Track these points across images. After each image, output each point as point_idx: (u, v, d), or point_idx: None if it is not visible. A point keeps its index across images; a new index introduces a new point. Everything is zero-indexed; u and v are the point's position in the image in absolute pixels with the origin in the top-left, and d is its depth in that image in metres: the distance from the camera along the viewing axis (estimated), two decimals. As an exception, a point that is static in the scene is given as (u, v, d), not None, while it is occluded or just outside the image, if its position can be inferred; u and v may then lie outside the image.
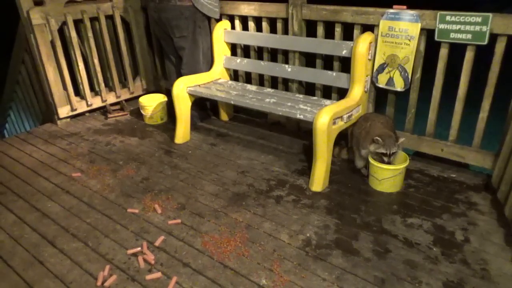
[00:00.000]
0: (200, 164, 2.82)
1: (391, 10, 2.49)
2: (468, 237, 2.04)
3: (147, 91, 4.00)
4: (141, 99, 3.52)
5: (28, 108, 4.29)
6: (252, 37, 3.18)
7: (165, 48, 3.42)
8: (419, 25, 2.40)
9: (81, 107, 3.64)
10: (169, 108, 3.40)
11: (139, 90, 4.02)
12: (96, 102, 3.74)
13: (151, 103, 3.45)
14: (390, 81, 2.62)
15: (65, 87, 3.45)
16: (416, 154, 2.80)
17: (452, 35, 2.32)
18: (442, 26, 2.34)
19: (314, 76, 2.90)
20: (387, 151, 2.30)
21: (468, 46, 2.32)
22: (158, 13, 3.12)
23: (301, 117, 2.54)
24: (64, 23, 3.33)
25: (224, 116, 3.54)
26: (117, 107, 3.82)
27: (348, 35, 2.77)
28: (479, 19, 2.21)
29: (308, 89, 3.14)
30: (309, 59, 3.05)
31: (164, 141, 3.19)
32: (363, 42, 2.53)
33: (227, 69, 3.38)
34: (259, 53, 3.31)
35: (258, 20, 3.19)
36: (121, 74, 3.94)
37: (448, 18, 2.30)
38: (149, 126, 3.49)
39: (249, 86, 3.19)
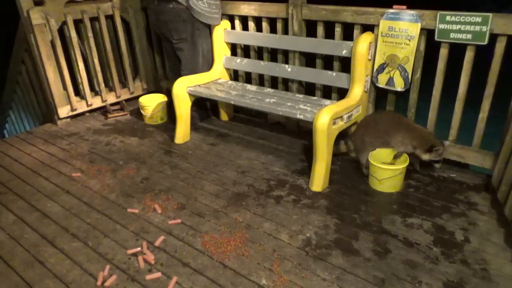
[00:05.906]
0: (200, 164, 2.82)
1: (391, 10, 2.49)
2: (468, 237, 2.04)
3: (147, 91, 4.00)
4: (141, 99, 3.52)
5: (28, 108, 4.29)
6: (252, 37, 3.18)
7: (166, 48, 3.41)
8: (419, 25, 2.40)
9: (81, 107, 3.64)
10: (169, 108, 3.40)
11: (139, 90, 4.02)
12: (96, 102, 3.74)
13: (151, 103, 3.45)
14: (390, 81, 2.62)
15: (65, 87, 3.45)
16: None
17: (452, 35, 2.32)
18: (442, 26, 2.34)
19: (314, 76, 2.90)
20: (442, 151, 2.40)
21: (468, 46, 2.33)
22: (157, 15, 3.11)
23: (301, 117, 2.54)
24: (64, 23, 3.33)
25: (224, 116, 3.54)
26: (117, 107, 3.81)
27: (348, 35, 2.77)
28: (479, 19, 2.21)
29: (308, 89, 3.14)
30: (309, 59, 3.05)
31: (164, 141, 3.19)
32: (363, 42, 2.53)
33: (227, 69, 3.38)
34: (259, 53, 3.31)
35: (258, 20, 3.19)
36: (121, 74, 3.93)
37: (448, 18, 2.30)
38: (149, 126, 3.49)
39: (249, 86, 3.19)
